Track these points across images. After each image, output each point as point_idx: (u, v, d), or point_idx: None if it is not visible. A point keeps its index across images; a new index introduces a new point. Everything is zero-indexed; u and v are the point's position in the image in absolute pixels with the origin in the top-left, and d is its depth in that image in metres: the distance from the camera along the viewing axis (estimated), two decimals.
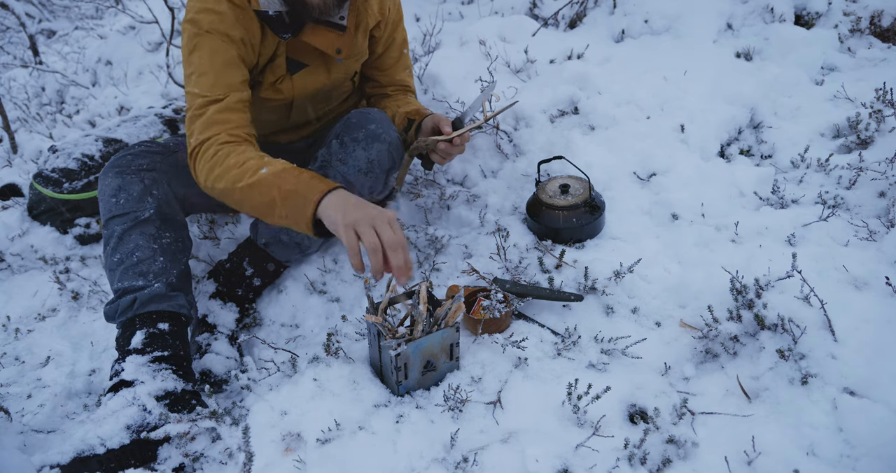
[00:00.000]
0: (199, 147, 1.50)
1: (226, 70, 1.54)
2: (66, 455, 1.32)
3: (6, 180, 2.71)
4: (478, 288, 1.68)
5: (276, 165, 1.43)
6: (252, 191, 1.42)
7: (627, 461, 1.25)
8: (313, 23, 1.62)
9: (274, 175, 1.40)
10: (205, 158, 1.48)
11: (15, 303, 2.10)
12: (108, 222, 1.62)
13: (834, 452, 1.21)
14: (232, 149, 1.47)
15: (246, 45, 1.58)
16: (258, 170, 1.41)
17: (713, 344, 1.50)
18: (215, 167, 1.46)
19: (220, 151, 1.47)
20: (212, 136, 1.49)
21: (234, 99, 1.53)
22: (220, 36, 1.53)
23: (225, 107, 1.52)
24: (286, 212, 1.40)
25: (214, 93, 1.52)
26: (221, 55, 1.54)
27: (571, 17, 3.01)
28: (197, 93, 1.53)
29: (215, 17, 1.53)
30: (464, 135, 1.68)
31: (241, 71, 1.57)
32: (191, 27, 1.55)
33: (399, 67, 1.98)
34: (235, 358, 1.71)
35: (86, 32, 5.94)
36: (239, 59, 1.56)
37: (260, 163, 1.43)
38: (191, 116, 1.53)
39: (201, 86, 1.52)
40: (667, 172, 2.05)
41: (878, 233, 1.71)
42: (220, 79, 1.53)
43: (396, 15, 1.88)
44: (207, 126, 1.50)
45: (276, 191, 1.39)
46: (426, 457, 1.29)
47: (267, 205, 1.41)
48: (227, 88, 1.53)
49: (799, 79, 2.47)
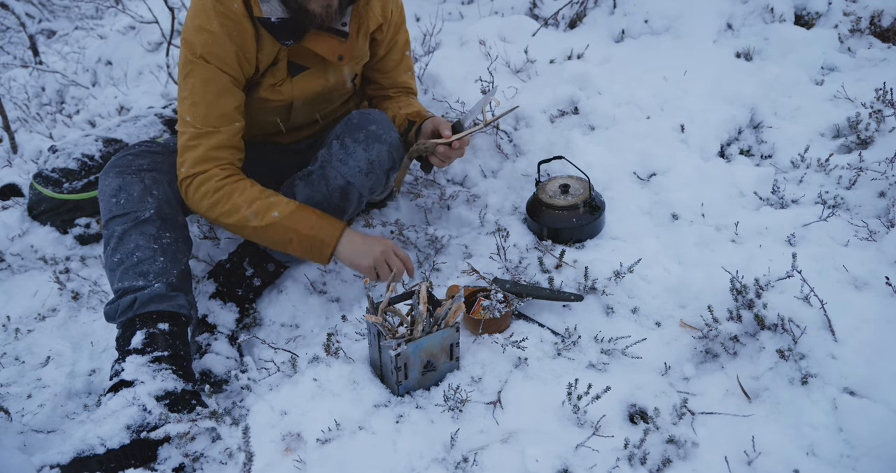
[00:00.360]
0: (191, 178, 1.61)
1: (218, 100, 1.59)
2: (66, 455, 1.32)
3: (6, 180, 2.71)
4: (478, 288, 1.68)
5: (283, 207, 1.60)
6: (266, 231, 1.60)
7: (627, 461, 1.25)
8: (316, 29, 1.62)
9: (286, 218, 1.59)
10: (202, 192, 1.60)
11: (15, 303, 2.10)
12: (108, 222, 1.62)
13: (834, 452, 1.21)
14: (234, 187, 1.60)
15: (240, 61, 1.60)
16: (269, 212, 1.59)
17: (713, 344, 1.50)
18: (219, 204, 1.59)
19: (221, 189, 1.59)
20: (206, 170, 1.60)
21: (227, 134, 1.61)
22: (213, 63, 1.57)
23: (217, 144, 1.60)
24: (303, 251, 1.63)
25: (206, 126, 1.59)
26: (214, 84, 1.58)
27: (571, 17, 3.01)
28: (189, 121, 1.60)
29: (207, 37, 1.55)
30: (463, 139, 1.68)
31: (234, 97, 1.62)
32: (185, 51, 1.59)
33: (401, 69, 1.97)
34: (235, 358, 1.71)
35: (86, 32, 5.94)
36: (232, 85, 1.61)
37: (268, 204, 1.59)
38: (182, 145, 1.61)
39: (194, 115, 1.59)
40: (667, 172, 2.05)
41: (878, 233, 1.71)
42: (213, 110, 1.59)
43: (399, 17, 1.88)
44: (199, 162, 1.60)
45: (292, 234, 1.60)
46: (426, 457, 1.29)
47: (282, 243, 1.63)
48: (218, 120, 1.60)
49: (799, 80, 2.47)
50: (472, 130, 1.69)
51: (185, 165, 1.61)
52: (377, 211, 2.23)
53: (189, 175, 1.60)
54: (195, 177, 1.60)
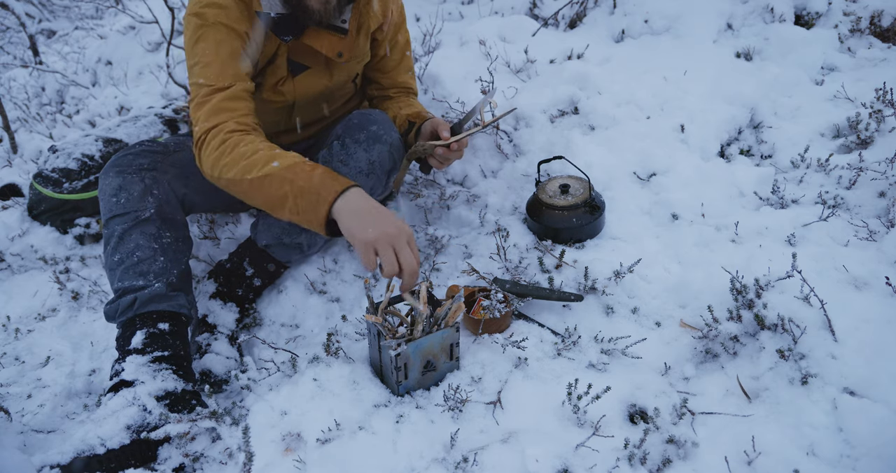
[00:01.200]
0: (205, 134, 1.49)
1: (231, 60, 1.55)
2: (66, 455, 1.32)
3: (6, 180, 2.71)
4: (478, 288, 1.68)
5: (287, 159, 1.42)
6: (262, 184, 1.41)
7: (627, 461, 1.25)
8: (315, 26, 1.62)
9: (286, 169, 1.39)
10: (211, 146, 1.47)
11: (15, 303, 2.10)
12: (108, 222, 1.62)
13: (834, 452, 1.21)
14: (241, 138, 1.46)
15: (250, 40, 1.59)
16: (269, 163, 1.40)
17: (713, 344, 1.50)
18: (223, 156, 1.45)
19: (228, 140, 1.46)
20: (219, 124, 1.49)
21: (240, 88, 1.55)
22: (226, 28, 1.55)
23: (231, 95, 1.52)
24: (298, 209, 1.39)
25: (220, 82, 1.53)
26: (227, 46, 1.55)
27: (571, 17, 3.01)
28: (202, 82, 1.53)
29: (220, 10, 1.55)
30: (462, 141, 1.69)
31: (245, 63, 1.59)
32: (195, 19, 1.56)
33: (401, 69, 1.97)
34: (235, 358, 1.71)
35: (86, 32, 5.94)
36: (243, 52, 1.58)
37: (271, 155, 1.42)
38: (196, 104, 1.53)
39: (206, 75, 1.53)
40: (667, 172, 2.05)
41: (878, 233, 1.71)
42: (226, 68, 1.54)
43: (399, 17, 1.88)
44: (214, 113, 1.49)
45: (288, 187, 1.38)
46: (426, 457, 1.29)
47: (278, 199, 1.41)
48: (233, 77, 1.55)
49: (799, 80, 2.47)
50: (470, 132, 1.69)
51: (200, 121, 1.50)
52: None
53: (203, 131, 1.49)
54: (209, 131, 1.48)
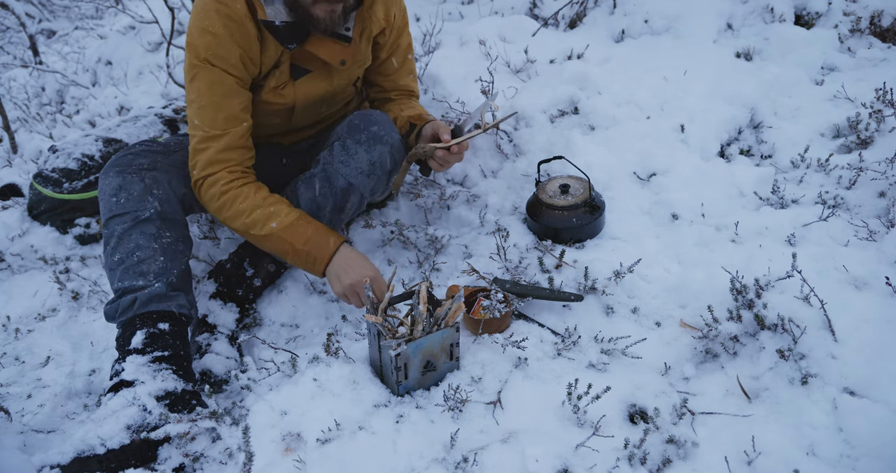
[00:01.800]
0: (201, 181, 1.65)
1: (224, 102, 1.61)
2: (67, 455, 1.32)
3: (6, 180, 2.71)
4: (478, 288, 1.68)
5: (283, 217, 1.62)
6: (265, 241, 1.65)
7: (627, 461, 1.25)
8: (320, 34, 1.62)
9: (284, 230, 1.61)
10: (210, 195, 1.64)
11: (15, 303, 2.10)
12: (108, 222, 1.62)
13: (834, 452, 1.21)
14: (237, 193, 1.63)
15: (245, 63, 1.61)
16: (268, 223, 1.61)
17: (713, 344, 1.50)
18: (223, 209, 1.63)
19: (226, 193, 1.62)
20: (213, 173, 1.63)
21: (235, 135, 1.63)
22: (218, 65, 1.58)
23: (225, 146, 1.63)
24: (298, 262, 1.66)
25: (213, 130, 1.61)
26: (219, 87, 1.60)
27: (571, 17, 3.01)
28: (198, 125, 1.63)
29: (211, 39, 1.55)
30: (462, 144, 1.69)
31: (240, 98, 1.64)
32: (190, 54, 1.59)
33: (403, 72, 1.97)
34: (235, 358, 1.71)
35: (86, 32, 5.95)
36: (237, 86, 1.62)
37: (268, 214, 1.61)
38: (193, 149, 1.65)
39: (202, 119, 1.62)
40: (667, 172, 2.05)
41: (878, 233, 1.71)
42: (219, 113, 1.61)
43: (402, 21, 1.87)
44: (208, 165, 1.63)
45: (288, 247, 1.63)
46: (426, 457, 1.29)
47: (281, 253, 1.67)
48: (226, 122, 1.62)
49: (799, 80, 2.47)
50: (470, 135, 1.68)
51: (196, 168, 1.64)
52: (377, 211, 2.23)
53: (200, 177, 1.65)
54: (205, 179, 1.64)
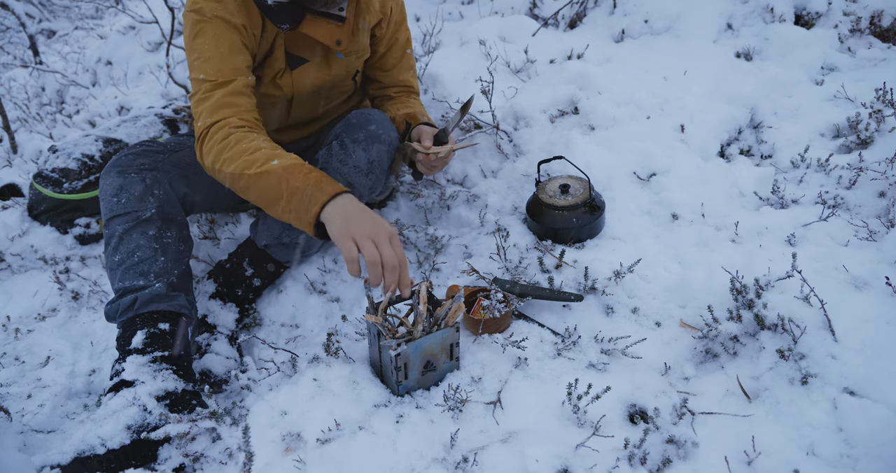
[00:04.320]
0: (207, 129, 1.51)
1: (231, 55, 1.56)
2: (67, 455, 1.32)
3: (6, 180, 2.72)
4: (478, 288, 1.68)
5: (286, 159, 1.45)
6: (260, 181, 1.43)
7: (627, 461, 1.25)
8: (312, 14, 1.62)
9: (284, 169, 1.42)
10: (214, 140, 1.49)
11: (15, 303, 2.10)
12: (109, 222, 1.62)
13: (834, 452, 1.21)
14: (243, 135, 1.49)
15: (248, 33, 1.60)
16: (269, 161, 1.43)
17: (713, 344, 1.50)
18: (225, 150, 1.47)
19: (231, 135, 1.48)
20: (221, 119, 1.50)
21: (242, 83, 1.56)
22: (224, 22, 1.55)
23: (233, 90, 1.54)
24: (290, 208, 1.42)
25: (221, 77, 1.54)
26: (226, 40, 1.56)
27: (571, 17, 3.01)
28: (203, 78, 1.54)
29: (217, 4, 1.55)
30: (445, 153, 1.68)
31: (245, 56, 1.59)
32: (194, 15, 1.57)
33: (402, 68, 1.97)
34: (235, 358, 1.71)
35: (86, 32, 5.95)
36: (242, 45, 1.58)
37: (271, 154, 1.45)
38: (197, 100, 1.54)
39: (207, 70, 1.54)
40: (667, 172, 2.05)
41: (878, 233, 1.71)
42: (226, 63, 1.55)
43: (399, 15, 1.88)
44: (216, 109, 1.51)
45: (284, 185, 1.41)
46: (426, 457, 1.29)
47: (273, 197, 1.43)
48: (233, 72, 1.56)
49: (799, 79, 2.47)
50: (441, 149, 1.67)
51: (202, 116, 1.51)
52: (377, 210, 2.23)
53: (206, 126, 1.51)
54: (211, 126, 1.50)
